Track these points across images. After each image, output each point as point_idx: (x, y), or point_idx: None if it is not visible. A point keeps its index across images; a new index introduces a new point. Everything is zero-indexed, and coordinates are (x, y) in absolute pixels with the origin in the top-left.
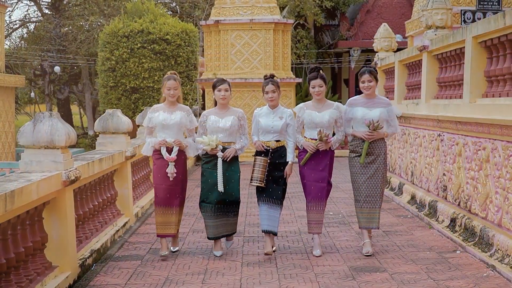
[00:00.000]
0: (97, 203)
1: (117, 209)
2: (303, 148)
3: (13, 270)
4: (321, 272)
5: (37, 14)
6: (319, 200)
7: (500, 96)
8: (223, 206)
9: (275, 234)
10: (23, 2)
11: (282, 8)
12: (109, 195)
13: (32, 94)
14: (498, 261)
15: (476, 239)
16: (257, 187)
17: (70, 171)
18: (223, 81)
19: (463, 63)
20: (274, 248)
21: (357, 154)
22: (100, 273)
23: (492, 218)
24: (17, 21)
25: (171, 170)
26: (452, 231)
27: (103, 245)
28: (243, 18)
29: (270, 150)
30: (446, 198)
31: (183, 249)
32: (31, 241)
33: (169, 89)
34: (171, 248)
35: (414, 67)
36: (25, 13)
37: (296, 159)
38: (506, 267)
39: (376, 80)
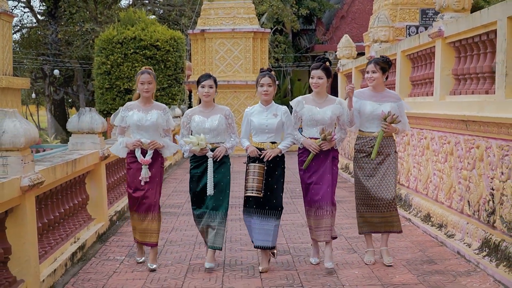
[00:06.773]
0: (117, 178)
1: None
2: (304, 147)
3: (70, 216)
4: (285, 224)
5: (31, 20)
6: (325, 205)
7: (418, 96)
8: (212, 212)
9: (270, 248)
10: (18, 8)
11: (261, 15)
12: (124, 173)
13: (34, 95)
14: (414, 215)
15: (402, 203)
16: (247, 197)
17: (104, 150)
18: (208, 76)
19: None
20: (276, 251)
21: (365, 154)
22: (123, 226)
23: (412, 186)
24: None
25: (145, 174)
26: None
27: (122, 208)
28: (226, 27)
29: None
30: None
31: (182, 216)
32: (80, 198)
33: (143, 83)
34: (149, 265)
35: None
36: (20, 18)
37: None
38: (418, 219)
39: (383, 71)
